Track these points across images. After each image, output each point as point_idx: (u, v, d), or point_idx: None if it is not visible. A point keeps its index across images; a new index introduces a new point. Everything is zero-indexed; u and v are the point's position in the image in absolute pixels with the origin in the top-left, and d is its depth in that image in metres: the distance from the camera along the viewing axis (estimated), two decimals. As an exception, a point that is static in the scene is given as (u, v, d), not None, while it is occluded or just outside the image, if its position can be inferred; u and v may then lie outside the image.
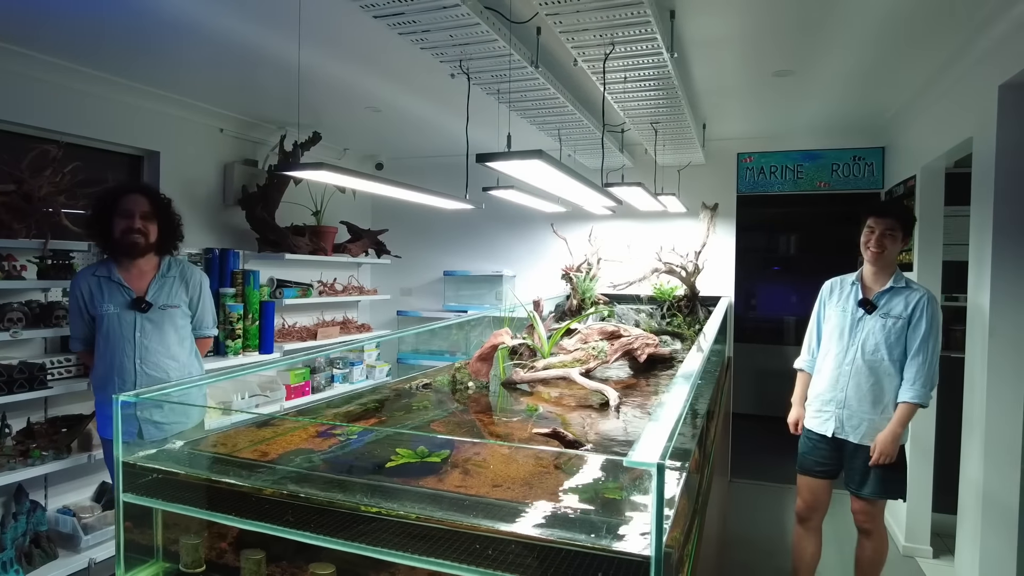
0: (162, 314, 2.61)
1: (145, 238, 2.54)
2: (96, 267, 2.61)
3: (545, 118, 3.52)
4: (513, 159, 2.13)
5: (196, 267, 2.80)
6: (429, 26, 2.32)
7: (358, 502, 1.38)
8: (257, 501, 1.51)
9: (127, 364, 2.54)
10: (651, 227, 5.03)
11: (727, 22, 2.70)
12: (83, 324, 2.59)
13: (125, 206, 2.51)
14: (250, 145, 4.49)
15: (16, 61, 3.02)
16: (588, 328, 3.26)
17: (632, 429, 2.08)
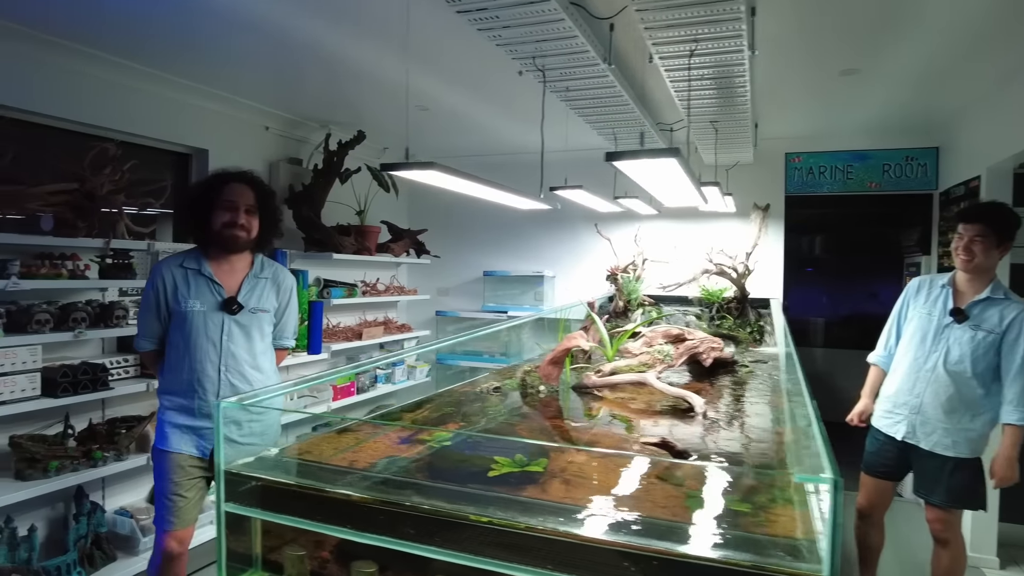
0: (252, 318, 2.34)
1: (247, 233, 2.30)
2: (183, 257, 2.32)
3: (603, 116, 3.45)
4: (643, 157, 2.08)
5: (287, 270, 2.56)
6: (510, 22, 2.27)
7: (468, 513, 1.33)
8: (367, 511, 1.47)
9: (210, 371, 2.26)
10: (697, 227, 4.96)
11: (802, 19, 2.63)
12: (157, 320, 2.29)
13: (230, 196, 2.27)
14: (294, 143, 4.45)
15: (72, 58, 2.99)
16: (652, 331, 3.20)
17: (723, 437, 2.02)
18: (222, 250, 2.31)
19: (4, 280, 2.49)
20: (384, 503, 1.45)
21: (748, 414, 2.35)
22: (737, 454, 1.82)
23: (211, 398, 2.27)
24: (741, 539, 1.20)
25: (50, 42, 2.86)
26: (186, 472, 2.26)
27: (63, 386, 2.70)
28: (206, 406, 2.26)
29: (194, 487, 2.29)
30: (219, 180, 2.32)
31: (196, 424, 2.27)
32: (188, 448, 2.26)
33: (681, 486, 1.51)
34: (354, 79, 3.46)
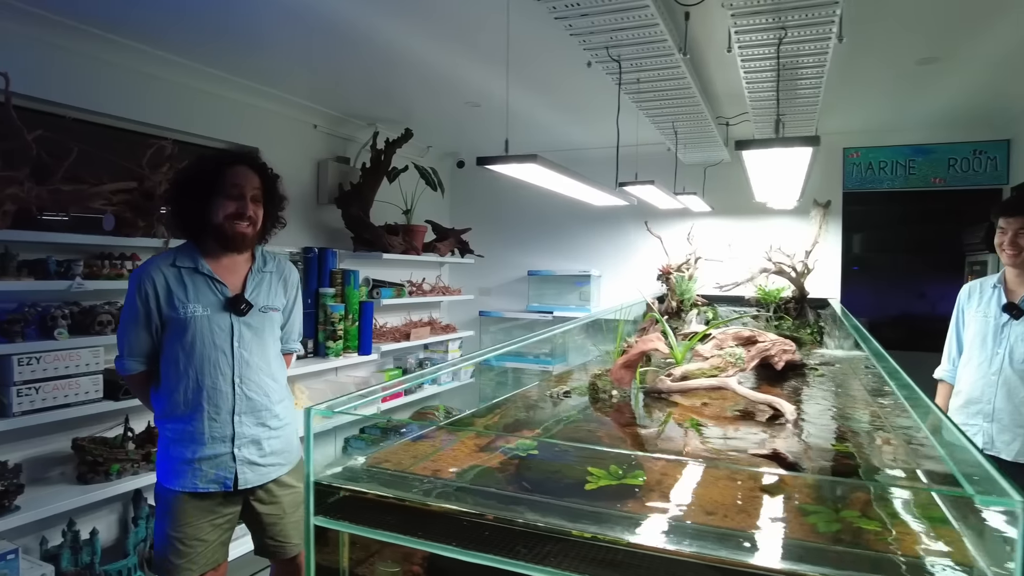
0: (263, 318, 2.01)
1: (254, 227, 1.96)
2: (173, 255, 1.94)
3: (667, 110, 3.34)
4: (775, 145, 1.98)
5: (291, 263, 2.22)
6: (589, 9, 2.17)
7: (571, 528, 1.25)
8: (468, 526, 1.38)
9: (222, 384, 1.90)
10: (751, 225, 4.81)
11: (884, 3, 2.49)
12: (147, 334, 1.90)
13: (234, 181, 1.91)
14: (341, 142, 4.40)
15: (127, 55, 2.94)
16: (722, 333, 3.08)
17: (821, 445, 1.90)
18: (226, 247, 1.96)
19: (69, 281, 2.45)
20: (489, 518, 1.37)
21: (838, 420, 2.23)
22: (844, 464, 1.70)
23: (225, 417, 1.91)
24: (884, 560, 1.10)
25: (107, 39, 2.82)
26: (203, 513, 1.91)
27: (124, 388, 2.65)
28: (220, 428, 1.90)
29: (216, 528, 1.94)
30: (220, 163, 1.95)
31: (210, 453, 1.89)
32: (204, 484, 1.89)
33: (789, 501, 1.41)
34: (404, 74, 3.38)
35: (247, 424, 1.95)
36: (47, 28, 2.62)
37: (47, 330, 2.43)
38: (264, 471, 1.98)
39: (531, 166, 2.02)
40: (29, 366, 2.35)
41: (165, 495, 1.92)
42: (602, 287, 5.21)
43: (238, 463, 1.92)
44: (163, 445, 1.95)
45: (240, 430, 1.93)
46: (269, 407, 2.01)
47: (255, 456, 1.96)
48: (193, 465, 1.89)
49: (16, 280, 2.32)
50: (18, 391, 2.32)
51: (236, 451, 1.92)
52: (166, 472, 1.92)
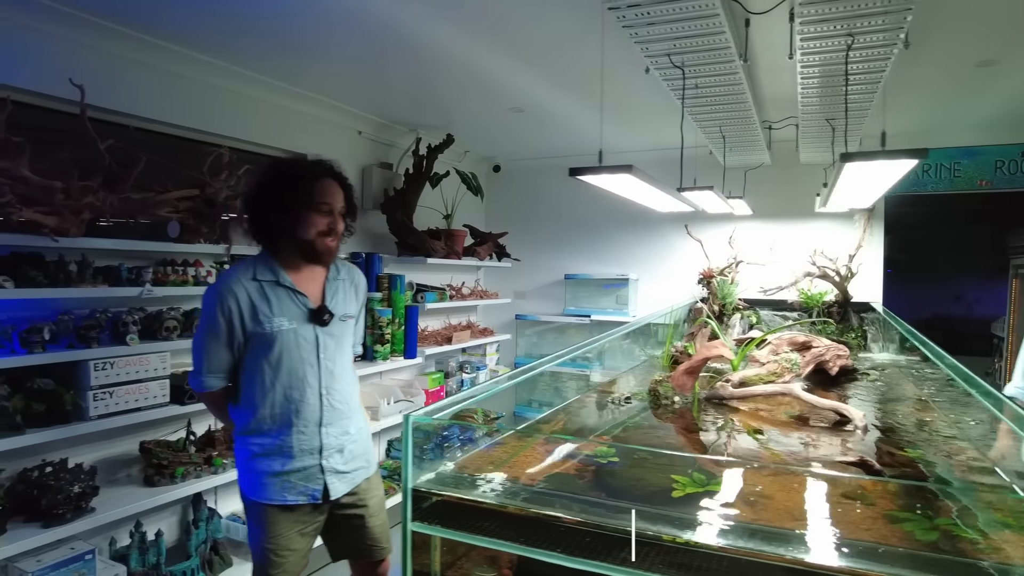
0: (342, 327, 2.01)
1: (338, 241, 1.96)
2: (252, 268, 1.90)
3: (717, 113, 3.33)
4: (879, 158, 1.98)
5: (359, 270, 2.21)
6: (657, 18, 2.18)
7: (664, 534, 1.30)
8: (567, 533, 1.40)
9: (310, 397, 1.90)
10: (791, 228, 4.78)
11: (945, 5, 2.47)
12: (228, 350, 1.87)
13: (324, 198, 1.90)
14: (383, 148, 4.44)
15: (182, 64, 2.99)
16: (778, 338, 3.07)
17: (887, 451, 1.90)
18: (308, 259, 1.94)
19: (139, 287, 2.50)
20: (587, 525, 1.39)
21: (904, 425, 2.22)
22: (917, 470, 1.70)
23: (313, 429, 1.91)
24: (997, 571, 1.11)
25: (166, 49, 2.87)
26: (293, 524, 1.91)
27: (190, 393, 2.70)
28: (309, 440, 1.90)
29: (304, 537, 1.95)
30: (309, 176, 1.92)
31: (299, 466, 1.89)
32: (294, 497, 1.89)
33: (871, 507, 1.42)
34: (448, 79, 3.41)
35: (332, 434, 1.95)
36: (108, 38, 2.68)
37: (119, 335, 2.48)
38: (350, 477, 2.00)
39: (624, 176, 2.02)
40: (104, 371, 2.40)
41: (255, 508, 1.92)
42: (639, 291, 5.21)
43: (326, 474, 1.93)
44: (246, 458, 1.92)
45: (327, 441, 1.94)
46: (350, 414, 2.02)
47: (340, 464, 1.97)
48: (282, 478, 1.89)
49: (92, 287, 2.36)
50: (94, 395, 2.38)
51: (324, 462, 1.93)
52: (253, 485, 1.91)
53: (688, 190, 3.09)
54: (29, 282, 2.19)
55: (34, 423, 2.25)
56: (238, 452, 1.96)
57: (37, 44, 2.50)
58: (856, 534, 1.29)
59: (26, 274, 2.19)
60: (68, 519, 2.28)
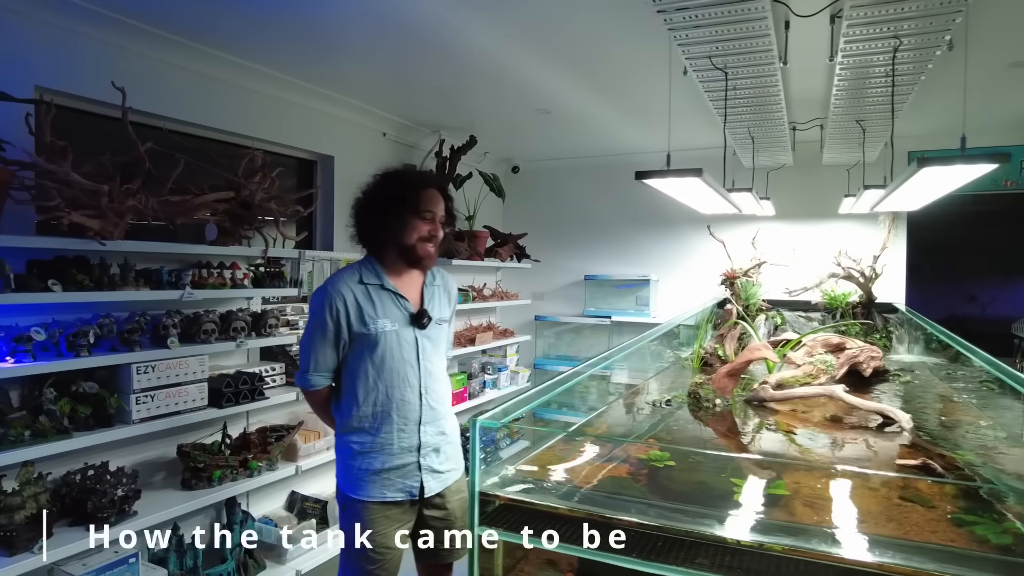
0: (438, 330, 2.07)
1: (438, 248, 2.04)
2: (358, 272, 1.99)
3: (749, 116, 3.33)
4: (959, 163, 1.98)
5: (451, 276, 2.28)
6: (702, 21, 2.18)
7: (737, 539, 1.31)
8: (641, 537, 1.40)
9: (410, 396, 1.96)
10: (811, 229, 4.78)
11: (987, 9, 2.47)
12: (334, 350, 1.95)
13: (428, 207, 1.97)
14: (406, 149, 4.44)
15: (213, 66, 2.99)
16: (812, 340, 3.07)
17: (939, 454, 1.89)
18: (410, 264, 2.01)
19: (180, 290, 2.49)
20: (661, 529, 1.39)
21: (948, 427, 2.22)
22: (968, 473, 1.69)
23: (412, 427, 1.97)
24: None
25: (196, 50, 2.87)
26: (391, 521, 1.95)
27: (227, 396, 2.70)
28: (408, 438, 1.96)
29: (401, 538, 1.99)
30: (415, 184, 2.01)
31: (398, 463, 1.95)
32: (393, 494, 1.95)
33: (935, 510, 1.42)
34: (475, 79, 3.41)
35: (430, 433, 2.00)
36: (145, 41, 2.68)
37: (160, 339, 2.48)
38: (443, 477, 2.04)
39: (691, 179, 2.01)
40: (145, 375, 2.40)
41: (353, 505, 1.96)
42: (659, 292, 5.21)
43: (423, 472, 1.98)
44: (346, 456, 1.99)
45: (425, 439, 1.99)
46: (445, 415, 2.08)
47: (436, 463, 2.01)
48: (382, 476, 1.94)
49: (135, 290, 2.36)
50: (136, 399, 2.37)
51: (421, 460, 1.98)
52: (352, 483, 1.97)
53: (733, 191, 3.08)
54: (76, 285, 2.19)
55: (80, 427, 2.25)
56: (339, 450, 2.03)
57: (75, 48, 2.50)
58: (924, 536, 1.28)
59: (73, 277, 2.18)
60: (112, 522, 2.28)
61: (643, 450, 1.95)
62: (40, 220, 2.16)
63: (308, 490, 3.41)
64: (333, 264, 3.61)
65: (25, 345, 2.07)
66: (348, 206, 2.16)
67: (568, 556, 1.62)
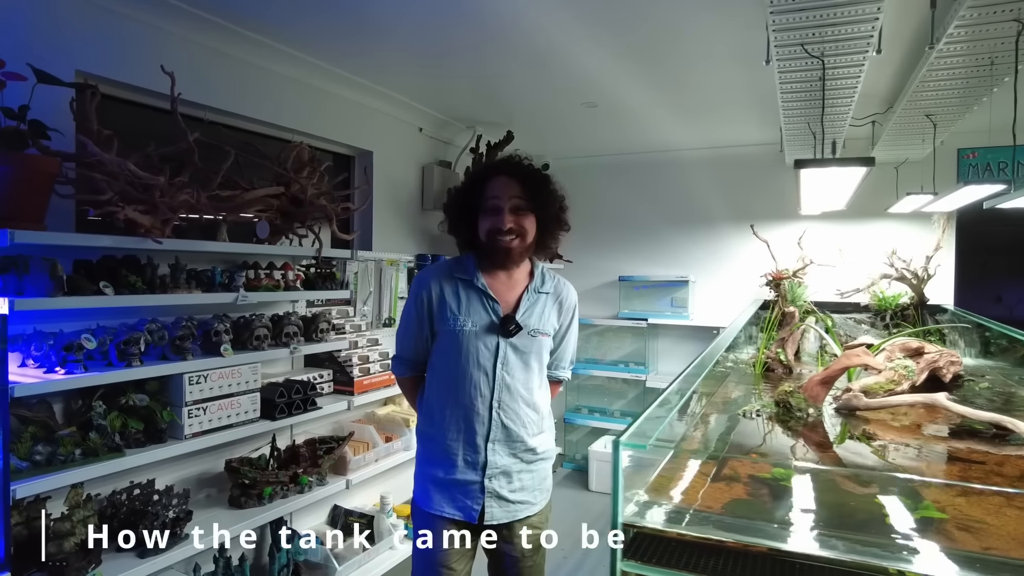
0: (531, 342, 1.84)
1: (521, 239, 1.81)
2: (452, 266, 1.89)
3: (811, 109, 3.17)
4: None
5: (571, 285, 2.06)
6: (807, 4, 2.02)
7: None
8: (793, 567, 1.24)
9: (480, 407, 1.79)
10: (860, 229, 4.64)
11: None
12: (420, 340, 1.88)
13: (492, 195, 1.80)
14: (442, 146, 4.25)
15: (251, 51, 2.79)
16: (891, 344, 2.92)
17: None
18: (493, 262, 1.85)
19: (234, 293, 2.30)
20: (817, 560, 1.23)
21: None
22: None
23: (479, 442, 1.80)
24: None
25: (235, 33, 2.66)
26: (452, 539, 1.82)
27: (279, 407, 2.51)
28: (472, 453, 1.80)
29: (463, 558, 1.85)
30: (480, 178, 1.87)
31: (460, 478, 1.80)
32: (450, 510, 1.81)
33: None
34: (524, 70, 3.22)
35: (500, 453, 1.81)
36: (186, 24, 2.49)
37: (212, 346, 2.28)
38: (512, 508, 1.83)
39: (858, 170, 1.87)
40: (198, 385, 2.21)
41: (421, 516, 1.87)
42: (696, 293, 5.05)
43: (487, 495, 1.80)
44: (418, 459, 1.92)
45: (492, 458, 1.80)
46: (525, 439, 1.85)
47: (504, 490, 1.82)
48: (443, 486, 1.83)
49: (188, 292, 2.17)
50: (189, 411, 2.18)
51: (486, 481, 1.80)
52: (420, 490, 1.88)
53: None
54: (128, 288, 1.99)
55: (131, 443, 2.05)
56: (417, 451, 1.95)
57: (118, 31, 2.30)
58: None
59: (125, 279, 1.98)
60: (164, 548, 2.08)
61: (758, 468, 1.79)
62: (93, 215, 1.97)
63: (350, 504, 3.22)
64: (376, 265, 3.42)
65: (76, 354, 1.86)
66: (386, 203, 2.05)
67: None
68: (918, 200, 3.68)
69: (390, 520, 3.19)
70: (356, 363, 2.99)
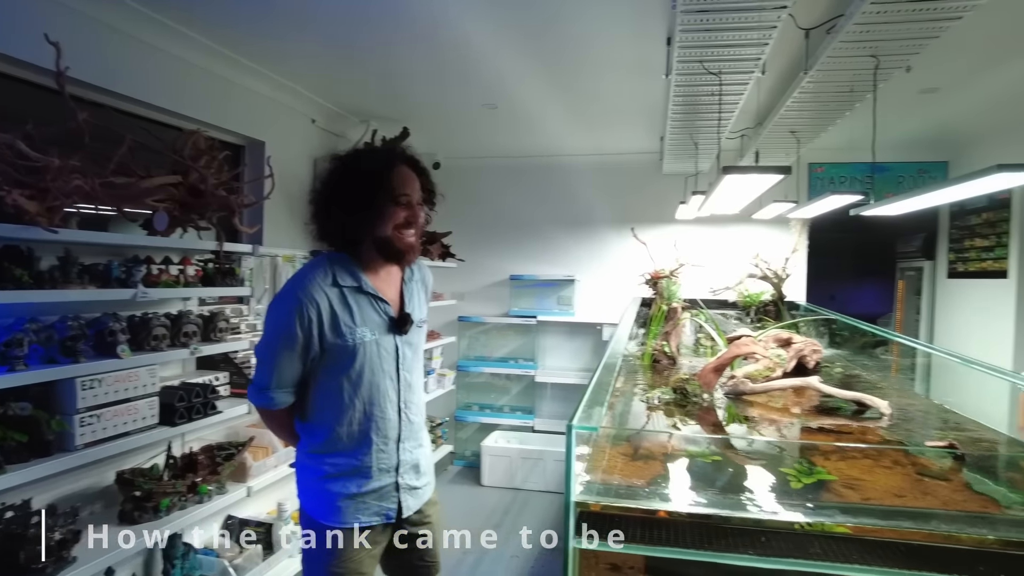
0: (418, 333, 1.81)
1: (419, 235, 1.73)
2: (330, 272, 1.66)
3: (698, 121, 3.47)
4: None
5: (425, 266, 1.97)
6: (713, 25, 2.22)
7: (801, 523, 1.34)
8: (733, 531, 1.39)
9: (390, 413, 1.71)
10: (727, 232, 5.09)
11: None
12: (301, 363, 1.64)
13: (403, 188, 1.66)
14: (334, 139, 4.13)
15: (138, 23, 2.56)
16: (764, 336, 3.25)
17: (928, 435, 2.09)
18: (387, 259, 1.71)
19: (132, 289, 2.11)
20: (754, 523, 1.39)
21: (912, 414, 2.44)
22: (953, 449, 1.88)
23: (392, 446, 1.74)
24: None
25: (125, 4, 2.45)
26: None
27: (179, 412, 2.33)
28: (387, 458, 1.74)
29: (373, 559, 1.81)
30: (385, 164, 1.69)
31: (375, 486, 1.73)
32: (367, 518, 1.73)
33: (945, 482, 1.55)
34: (427, 65, 3.23)
35: (408, 449, 1.80)
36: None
37: (106, 347, 2.07)
38: (421, 493, 1.85)
39: (775, 177, 2.05)
40: (91, 390, 2.01)
41: (323, 532, 1.72)
42: (581, 291, 5.29)
43: (401, 491, 1.78)
44: (315, 478, 1.72)
45: (404, 457, 1.78)
46: (422, 426, 1.88)
47: (414, 480, 1.82)
48: (356, 500, 1.71)
49: (81, 288, 1.96)
50: (81, 420, 1.97)
51: (400, 479, 1.78)
52: (323, 508, 1.72)
53: (698, 193, 3.18)
54: (13, 282, 1.76)
55: (12, 458, 1.82)
56: (305, 471, 1.75)
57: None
58: (955, 505, 1.39)
59: (10, 272, 1.76)
60: (50, 573, 1.87)
61: (672, 446, 1.95)
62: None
63: (244, 513, 3.05)
64: (272, 261, 3.27)
65: (-51, 358, 1.63)
66: (277, 196, 1.87)
67: (633, 558, 1.60)
68: (781, 207, 4.12)
69: (288, 527, 3.06)
70: (254, 364, 2.84)
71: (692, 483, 1.66)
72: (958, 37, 2.53)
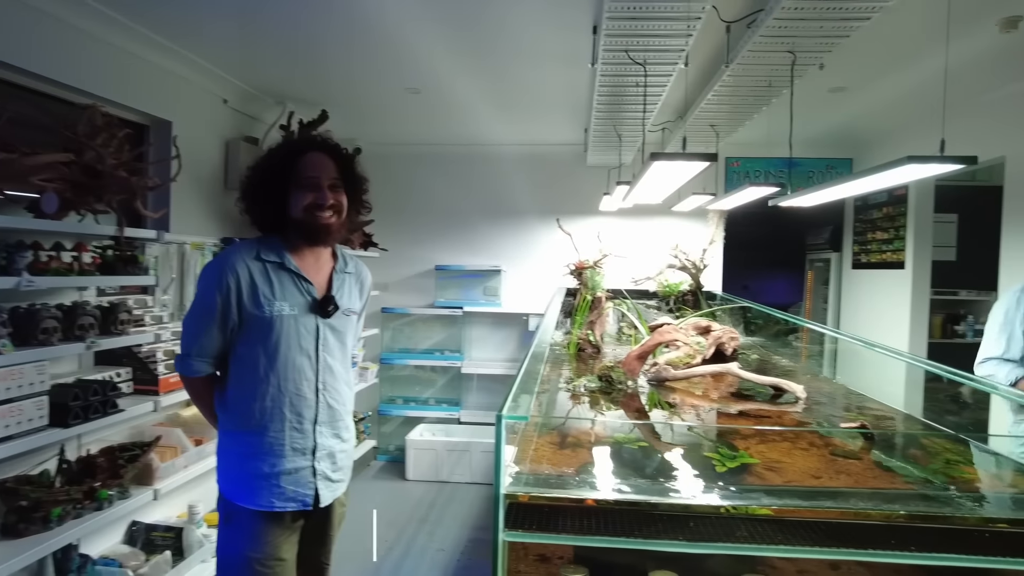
0: (345, 321, 1.84)
1: (339, 215, 1.78)
2: (256, 247, 1.75)
3: (622, 112, 3.49)
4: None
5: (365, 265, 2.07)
6: (639, 14, 2.23)
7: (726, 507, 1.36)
8: (659, 517, 1.40)
9: (306, 391, 1.74)
10: (648, 224, 5.20)
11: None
12: (220, 332, 1.71)
13: (308, 172, 1.74)
14: (248, 121, 3.92)
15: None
16: (684, 324, 3.33)
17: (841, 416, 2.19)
18: (307, 240, 1.79)
19: (16, 277, 1.91)
20: (682, 508, 1.40)
21: (823, 396, 2.56)
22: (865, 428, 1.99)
23: (308, 427, 1.76)
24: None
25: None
26: (281, 530, 1.76)
27: (74, 411, 2.14)
28: (302, 439, 1.75)
29: (292, 546, 1.80)
30: (291, 152, 1.79)
31: (289, 467, 1.74)
32: (282, 503, 1.73)
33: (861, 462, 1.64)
34: (344, 46, 3.11)
35: (325, 435, 1.80)
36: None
37: (-16, 341, 1.87)
38: (335, 487, 1.85)
39: (701, 164, 2.18)
40: (-33, 390, 1.80)
41: (239, 515, 1.73)
42: (507, 282, 5.27)
43: (318, 478, 1.78)
44: (230, 458, 1.77)
45: (320, 441, 1.78)
46: (343, 417, 1.87)
47: (330, 471, 1.82)
48: (271, 481, 1.72)
49: (-47, 276, 1.75)
50: (-45, 423, 1.77)
51: (316, 464, 1.77)
52: (238, 489, 1.74)
53: (622, 184, 3.21)
54: None
55: None
56: (222, 450, 1.80)
57: None
58: (867, 483, 1.47)
59: None
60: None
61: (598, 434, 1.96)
62: None
63: (151, 518, 2.86)
64: (179, 249, 3.06)
65: None
66: (185, 180, 1.84)
67: (562, 548, 1.59)
68: (700, 199, 4.24)
69: (200, 531, 2.90)
70: (161, 359, 2.65)
71: (620, 470, 1.66)
72: (865, 38, 2.65)
